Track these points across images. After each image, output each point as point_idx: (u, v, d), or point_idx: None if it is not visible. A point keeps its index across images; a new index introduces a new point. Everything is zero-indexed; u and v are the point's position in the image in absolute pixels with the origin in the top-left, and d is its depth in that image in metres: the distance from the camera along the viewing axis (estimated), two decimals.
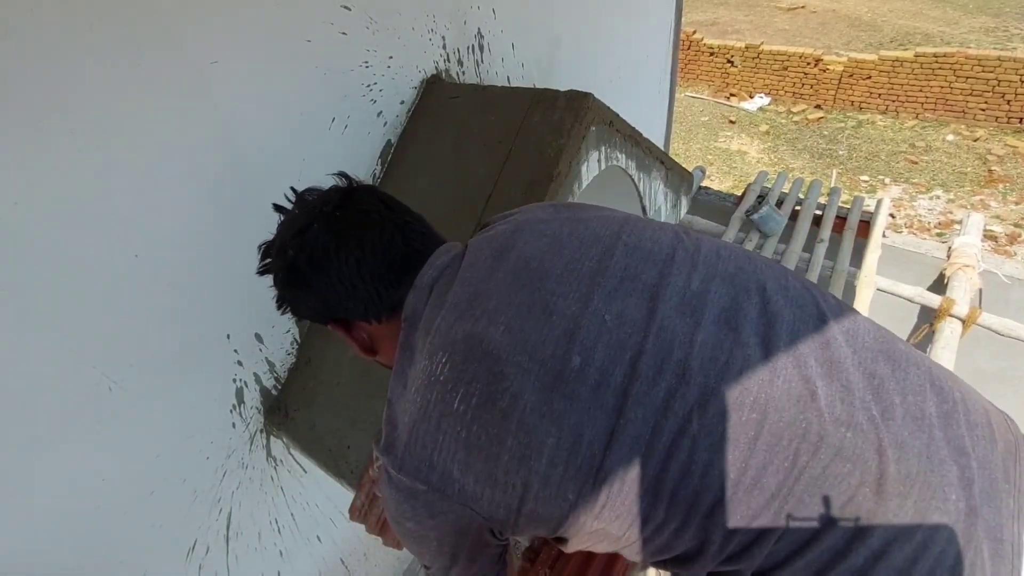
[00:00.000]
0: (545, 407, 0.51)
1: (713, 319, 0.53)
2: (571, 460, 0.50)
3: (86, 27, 0.80)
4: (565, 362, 0.51)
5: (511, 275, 0.58)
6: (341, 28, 1.17)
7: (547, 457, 0.50)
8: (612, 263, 0.57)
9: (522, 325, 0.54)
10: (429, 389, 0.55)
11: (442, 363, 0.55)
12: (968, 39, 8.70)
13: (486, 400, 0.52)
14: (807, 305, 0.56)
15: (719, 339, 0.52)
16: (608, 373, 0.51)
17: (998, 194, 5.92)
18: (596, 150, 1.27)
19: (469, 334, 0.55)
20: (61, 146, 0.81)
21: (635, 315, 0.53)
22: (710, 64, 8.81)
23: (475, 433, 0.52)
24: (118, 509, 1.04)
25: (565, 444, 0.50)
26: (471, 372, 0.53)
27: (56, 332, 0.87)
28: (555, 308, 0.54)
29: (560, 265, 0.57)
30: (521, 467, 0.51)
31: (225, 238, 1.09)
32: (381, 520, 1.05)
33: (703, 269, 0.57)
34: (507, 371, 0.52)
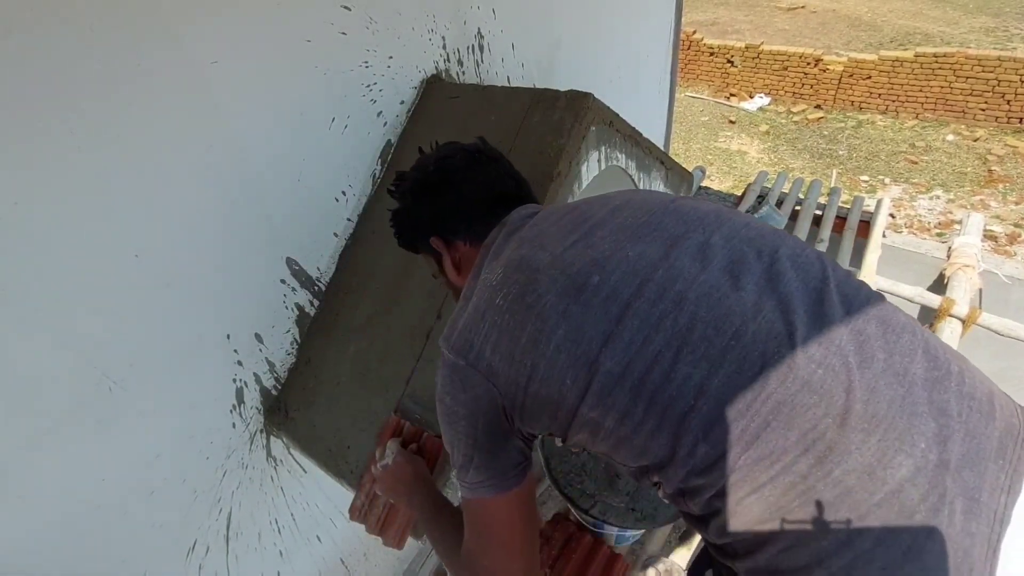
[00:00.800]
0: (562, 307, 0.62)
1: (719, 267, 0.62)
2: (572, 350, 0.60)
3: (86, 27, 0.80)
4: (587, 278, 0.63)
5: (569, 224, 0.71)
6: (341, 28, 1.17)
7: (554, 344, 0.61)
8: (652, 220, 0.68)
9: (563, 252, 0.67)
10: (483, 291, 0.70)
11: (497, 274, 0.70)
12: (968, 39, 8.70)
13: (520, 296, 0.65)
14: (813, 271, 0.62)
15: (719, 282, 0.60)
16: (618, 291, 0.61)
17: (998, 194, 5.92)
18: (596, 150, 1.27)
19: (523, 256, 0.69)
20: (61, 146, 0.81)
21: (653, 255, 0.64)
22: (710, 64, 8.81)
23: (506, 320, 0.65)
24: (118, 509, 1.04)
25: (570, 337, 0.61)
26: (514, 278, 0.67)
27: (56, 332, 0.88)
28: (592, 244, 0.67)
29: (610, 220, 0.70)
30: (533, 349, 0.62)
31: (225, 238, 1.09)
32: (381, 520, 1.05)
33: (726, 230, 0.66)
34: (540, 278, 0.65)
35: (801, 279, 0.61)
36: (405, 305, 1.19)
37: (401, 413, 1.09)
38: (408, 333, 1.15)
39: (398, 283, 1.22)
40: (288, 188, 1.18)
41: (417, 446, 1.04)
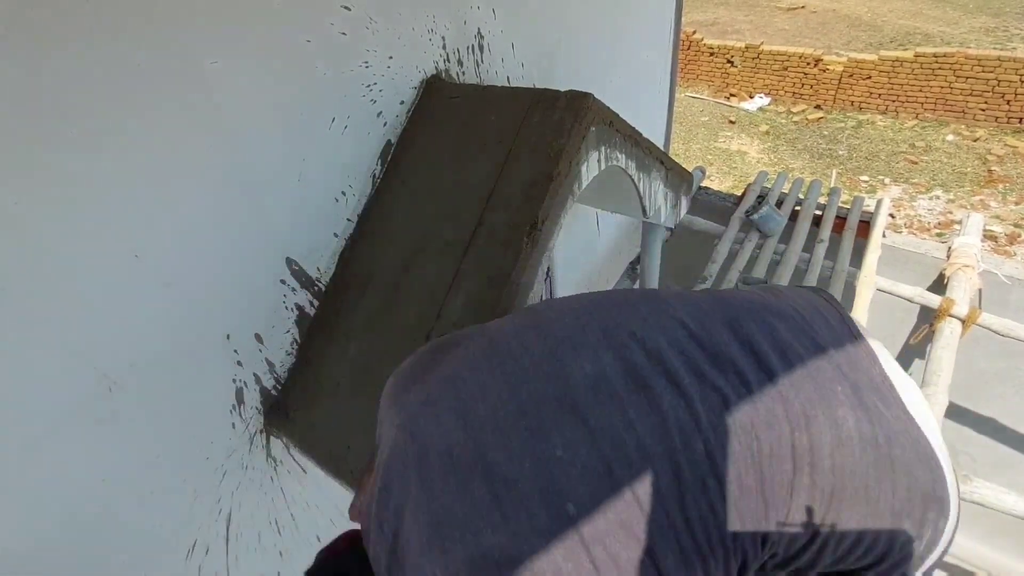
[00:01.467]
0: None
1: (624, 390, 0.57)
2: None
3: (85, 26, 0.80)
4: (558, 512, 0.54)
5: (452, 476, 0.57)
6: (341, 28, 1.17)
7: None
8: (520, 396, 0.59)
9: (501, 515, 0.53)
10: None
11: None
12: (968, 39, 8.70)
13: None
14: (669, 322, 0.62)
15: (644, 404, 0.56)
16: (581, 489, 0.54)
17: (998, 194, 5.92)
18: (596, 150, 1.27)
19: (467, 559, 0.52)
20: (60, 145, 0.81)
21: (575, 435, 0.56)
22: (710, 64, 8.81)
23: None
24: (117, 510, 1.04)
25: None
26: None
27: (55, 332, 0.87)
28: (510, 477, 0.55)
29: (482, 431, 0.58)
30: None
31: (225, 238, 1.09)
32: None
33: (584, 349, 0.61)
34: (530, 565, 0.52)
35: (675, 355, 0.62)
36: (405, 305, 1.19)
37: None
38: (408, 333, 1.15)
39: (398, 283, 1.22)
40: (288, 188, 1.17)
41: None
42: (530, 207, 1.13)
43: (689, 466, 0.53)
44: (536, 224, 1.12)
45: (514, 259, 1.10)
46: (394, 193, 1.35)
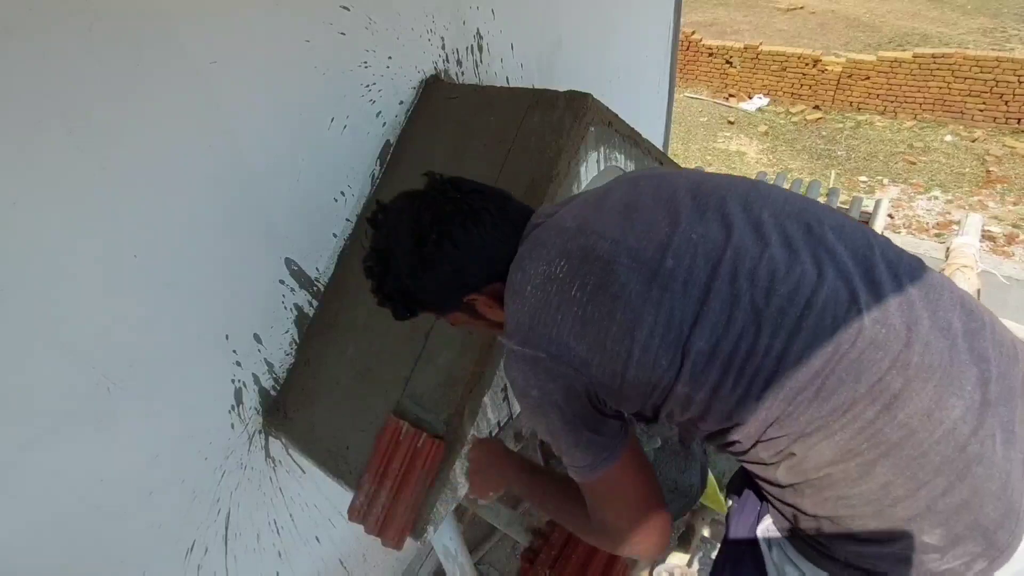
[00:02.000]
0: (647, 293, 0.65)
1: (778, 243, 0.67)
2: (665, 334, 0.65)
3: (85, 26, 0.80)
4: (661, 263, 0.66)
5: (612, 211, 0.73)
6: (340, 28, 1.17)
7: (647, 329, 0.65)
8: (698, 200, 0.71)
9: (625, 239, 0.69)
10: (548, 284, 0.70)
11: (561, 265, 0.70)
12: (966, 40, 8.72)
13: (600, 287, 0.67)
14: (859, 241, 0.68)
15: (782, 257, 0.65)
16: (694, 274, 0.65)
17: (996, 194, 5.93)
18: (595, 151, 1.27)
19: (583, 246, 0.70)
20: (60, 146, 0.81)
21: (716, 236, 0.67)
22: (709, 65, 8.81)
23: (590, 312, 0.67)
24: (117, 510, 1.04)
25: (662, 321, 0.65)
26: (586, 269, 0.69)
27: (55, 332, 0.87)
28: (650, 227, 0.70)
29: (651, 202, 0.73)
30: (626, 336, 0.65)
31: (224, 238, 1.09)
32: (380, 521, 1.05)
33: (772, 207, 0.70)
34: (616, 268, 0.67)
35: (850, 249, 0.67)
36: None
37: (400, 413, 1.09)
38: (407, 334, 1.15)
39: None
40: (287, 188, 1.17)
41: (415, 447, 1.04)
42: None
43: (777, 304, 0.63)
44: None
45: None
46: (393, 193, 1.35)
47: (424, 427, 1.06)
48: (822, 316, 0.62)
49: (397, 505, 1.03)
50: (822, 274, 0.64)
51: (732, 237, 0.67)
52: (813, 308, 0.62)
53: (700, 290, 0.65)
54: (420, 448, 1.04)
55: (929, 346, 0.61)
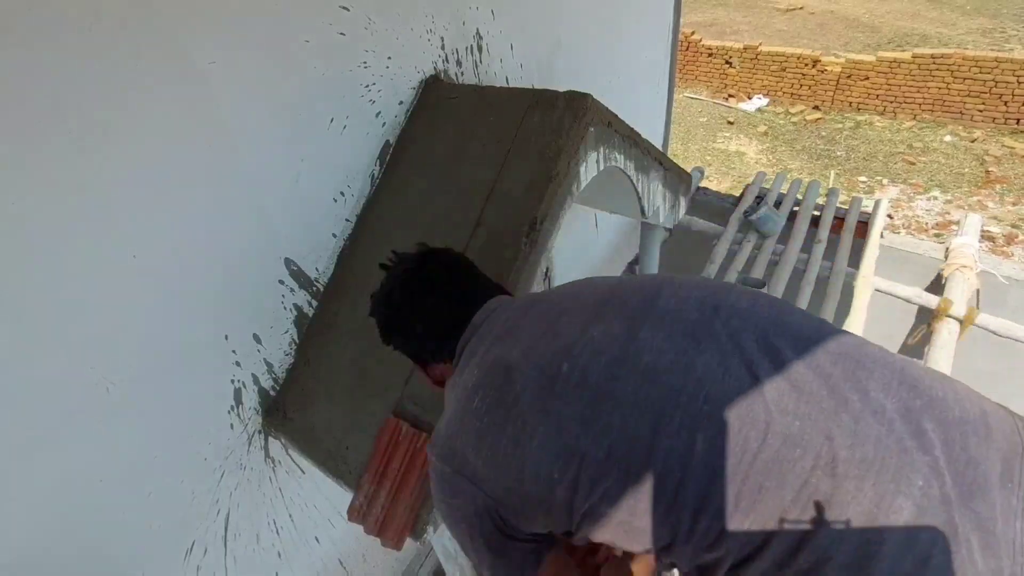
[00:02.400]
0: (539, 403, 0.63)
1: (681, 332, 0.62)
2: (554, 445, 0.61)
3: (84, 27, 0.80)
4: (557, 368, 0.64)
5: (537, 314, 0.73)
6: (340, 28, 1.17)
7: (536, 442, 0.62)
8: (612, 297, 0.70)
9: (534, 345, 0.68)
10: (461, 395, 0.71)
11: (473, 376, 0.71)
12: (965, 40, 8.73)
13: (497, 399, 0.66)
14: (762, 322, 0.62)
15: (683, 347, 0.61)
16: (587, 374, 0.62)
17: (995, 195, 5.94)
18: (595, 151, 1.27)
19: (497, 356, 0.70)
20: (59, 146, 0.81)
21: (617, 331, 0.65)
22: (708, 65, 8.82)
23: (486, 424, 0.66)
24: (116, 510, 1.04)
25: (551, 432, 0.61)
26: (489, 380, 0.68)
27: (54, 332, 0.87)
28: (559, 331, 0.68)
29: (574, 304, 0.72)
30: (517, 449, 0.63)
31: (223, 238, 1.09)
32: (380, 521, 1.05)
33: (682, 293, 0.67)
34: (515, 376, 0.65)
35: (756, 333, 0.60)
36: None
37: (399, 414, 1.09)
38: None
39: None
40: (286, 189, 1.17)
41: (415, 447, 1.04)
42: (529, 207, 1.14)
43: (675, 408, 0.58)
44: (535, 224, 1.12)
45: (513, 259, 1.10)
46: (393, 194, 1.35)
47: (423, 427, 1.06)
48: (723, 410, 0.55)
49: (396, 505, 1.03)
50: (724, 363, 0.58)
51: (634, 330, 0.63)
52: (713, 402, 0.56)
53: (590, 391, 0.60)
54: (420, 448, 1.04)
55: (858, 436, 0.52)
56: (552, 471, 0.61)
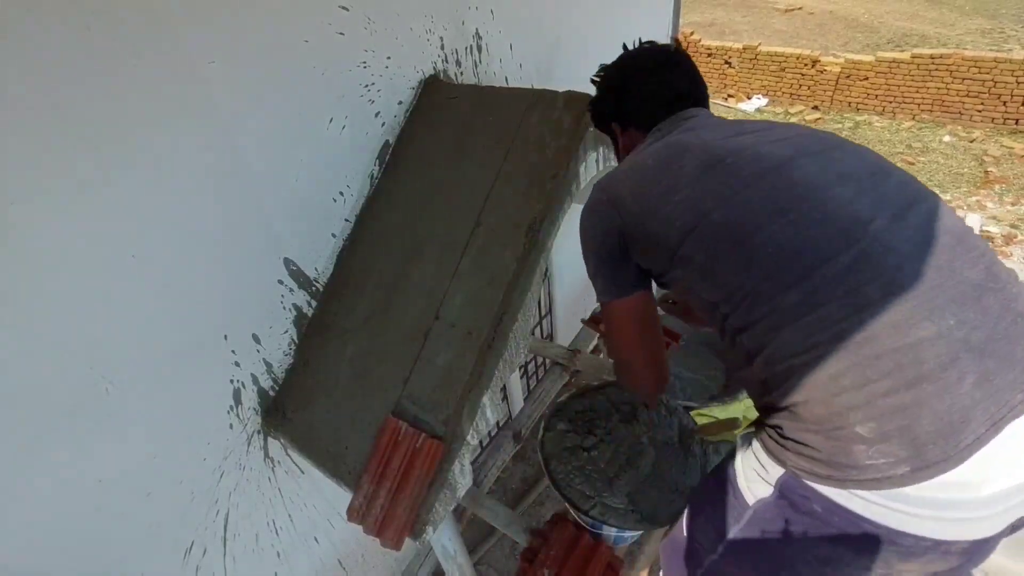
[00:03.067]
0: (696, 173, 0.81)
1: (834, 173, 0.77)
2: (691, 203, 0.79)
3: (84, 26, 0.80)
4: (722, 158, 0.80)
5: (727, 125, 0.92)
6: (339, 28, 1.17)
7: (679, 196, 0.80)
8: (791, 138, 0.84)
9: (712, 140, 0.86)
10: (640, 156, 0.91)
11: (657, 147, 0.90)
12: (964, 41, 8.74)
13: (666, 161, 0.86)
14: (910, 194, 0.75)
15: (825, 179, 0.75)
16: (741, 170, 0.78)
17: (995, 195, 5.94)
18: (594, 151, 1.27)
19: (680, 139, 0.89)
20: (59, 145, 0.81)
21: (781, 155, 0.79)
22: (708, 65, 8.82)
23: (648, 175, 0.86)
24: (115, 511, 1.04)
25: (693, 195, 0.79)
26: (667, 151, 0.87)
27: (53, 332, 0.87)
28: (737, 139, 0.85)
29: (760, 129, 0.87)
30: (662, 197, 0.82)
31: (223, 238, 1.09)
32: (379, 521, 1.04)
33: (846, 156, 0.80)
34: (687, 154, 0.84)
35: (904, 197, 0.74)
36: (403, 306, 1.19)
37: (399, 414, 1.09)
38: (406, 334, 1.15)
39: (396, 284, 1.22)
40: (286, 188, 1.17)
41: (414, 447, 1.03)
42: (528, 207, 1.14)
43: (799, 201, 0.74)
44: (534, 224, 1.12)
45: (513, 259, 1.10)
46: (392, 193, 1.35)
47: (423, 427, 1.05)
48: (834, 223, 0.70)
49: (396, 505, 1.03)
50: (855, 199, 0.72)
51: (795, 159, 0.77)
52: (828, 216, 0.71)
53: (739, 181, 0.77)
54: (419, 448, 1.04)
55: (923, 277, 0.66)
56: (676, 219, 0.79)
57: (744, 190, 0.76)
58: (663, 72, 1.01)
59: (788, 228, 0.72)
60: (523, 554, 1.38)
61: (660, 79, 1.01)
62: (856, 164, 0.78)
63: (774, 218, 0.73)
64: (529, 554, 1.36)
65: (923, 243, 0.69)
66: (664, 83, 1.00)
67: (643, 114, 1.01)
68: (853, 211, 0.71)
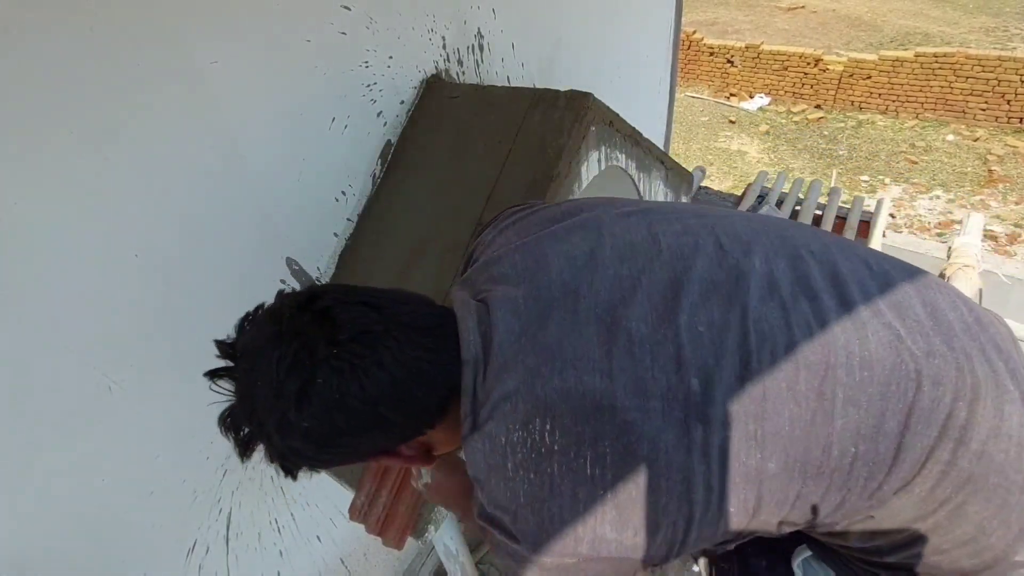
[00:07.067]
0: (686, 439, 0.51)
1: (791, 295, 0.56)
2: (725, 477, 0.51)
3: (85, 26, 0.80)
4: (687, 388, 0.51)
5: (568, 314, 0.55)
6: (341, 28, 1.17)
7: (703, 484, 0.51)
8: (673, 271, 0.57)
9: (616, 365, 0.52)
10: (544, 462, 0.51)
11: (547, 431, 0.51)
12: (968, 39, 8.70)
13: (624, 455, 0.51)
14: (852, 256, 0.60)
15: (809, 313, 0.55)
16: (728, 384, 0.52)
17: (998, 194, 5.92)
18: (596, 150, 1.27)
19: (562, 391, 0.52)
20: (60, 145, 0.81)
21: (725, 318, 0.54)
22: (710, 64, 8.81)
23: (622, 491, 0.51)
24: (118, 509, 1.04)
25: (716, 466, 0.51)
26: (591, 431, 0.51)
27: (56, 332, 0.87)
28: (640, 337, 0.53)
29: (615, 288, 0.56)
30: (682, 503, 0.51)
31: (225, 238, 1.09)
32: (381, 520, 1.05)
33: (756, 248, 0.59)
34: (631, 418, 0.51)
35: (852, 269, 0.59)
36: None
37: None
38: None
39: (398, 284, 1.22)
40: (288, 188, 1.17)
41: None
42: None
43: (835, 386, 0.52)
44: None
45: None
46: (394, 193, 1.35)
47: None
48: (881, 371, 0.53)
49: (398, 505, 1.03)
50: (854, 317, 0.55)
51: (746, 313, 0.54)
52: (871, 367, 0.53)
53: (747, 401, 0.51)
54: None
55: (971, 359, 0.55)
56: (727, 506, 0.53)
57: (769, 407, 0.53)
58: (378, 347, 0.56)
59: (852, 413, 0.54)
60: None
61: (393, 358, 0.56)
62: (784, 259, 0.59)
63: (836, 415, 0.54)
64: None
65: (942, 325, 0.58)
66: (404, 358, 0.56)
67: (424, 412, 0.60)
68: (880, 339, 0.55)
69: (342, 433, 0.57)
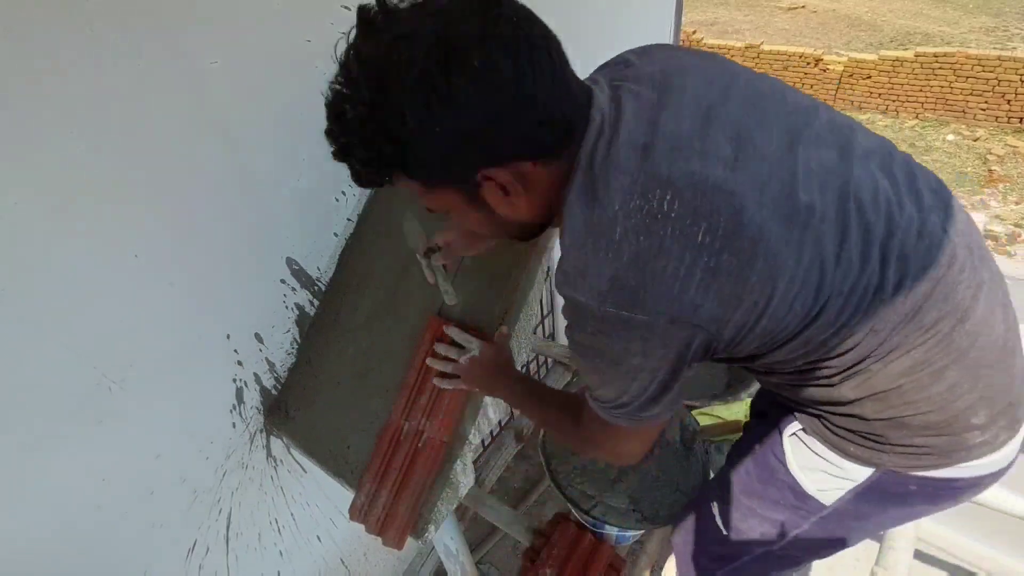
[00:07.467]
0: (787, 235, 0.59)
1: (878, 167, 0.67)
2: (806, 280, 0.60)
3: (85, 25, 0.80)
4: (795, 199, 0.60)
5: (700, 119, 0.61)
6: (341, 28, 1.17)
7: (788, 277, 0.59)
8: (796, 118, 0.66)
9: (740, 165, 0.59)
10: (655, 226, 0.56)
11: (666, 199, 0.57)
12: (968, 39, 8.71)
13: (733, 230, 0.57)
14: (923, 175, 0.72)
15: (888, 185, 0.66)
16: (827, 211, 0.61)
17: (998, 194, 5.93)
18: None
19: (687, 172, 0.58)
20: (60, 145, 0.81)
21: (830, 162, 0.64)
22: None
23: (724, 261, 0.57)
24: (118, 509, 1.04)
25: (803, 266, 0.60)
26: (709, 206, 0.57)
27: (56, 332, 0.87)
28: (766, 153, 0.61)
29: (747, 115, 0.64)
30: (767, 286, 0.59)
31: (225, 238, 1.09)
32: (381, 520, 1.05)
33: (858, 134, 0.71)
34: (747, 204, 0.57)
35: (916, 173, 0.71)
36: (405, 305, 1.19)
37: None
38: (408, 333, 1.15)
39: (398, 283, 1.22)
40: (288, 188, 1.17)
41: (416, 447, 1.03)
42: None
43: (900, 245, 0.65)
44: None
45: (514, 258, 1.09)
46: (394, 192, 1.35)
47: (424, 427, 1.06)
48: (929, 246, 0.65)
49: (398, 505, 1.03)
50: (922, 210, 0.67)
51: (848, 163, 0.65)
52: (923, 236, 0.65)
53: (835, 227, 0.61)
54: (421, 448, 1.04)
55: (984, 259, 0.70)
56: (796, 307, 0.62)
57: (849, 239, 0.61)
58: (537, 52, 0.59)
59: (897, 266, 0.64)
60: (525, 553, 1.38)
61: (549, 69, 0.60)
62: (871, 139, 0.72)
63: (889, 263, 0.64)
64: (531, 553, 1.36)
65: (966, 228, 0.71)
66: (557, 75, 0.62)
67: (556, 123, 0.60)
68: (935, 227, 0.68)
69: (475, 113, 0.54)
